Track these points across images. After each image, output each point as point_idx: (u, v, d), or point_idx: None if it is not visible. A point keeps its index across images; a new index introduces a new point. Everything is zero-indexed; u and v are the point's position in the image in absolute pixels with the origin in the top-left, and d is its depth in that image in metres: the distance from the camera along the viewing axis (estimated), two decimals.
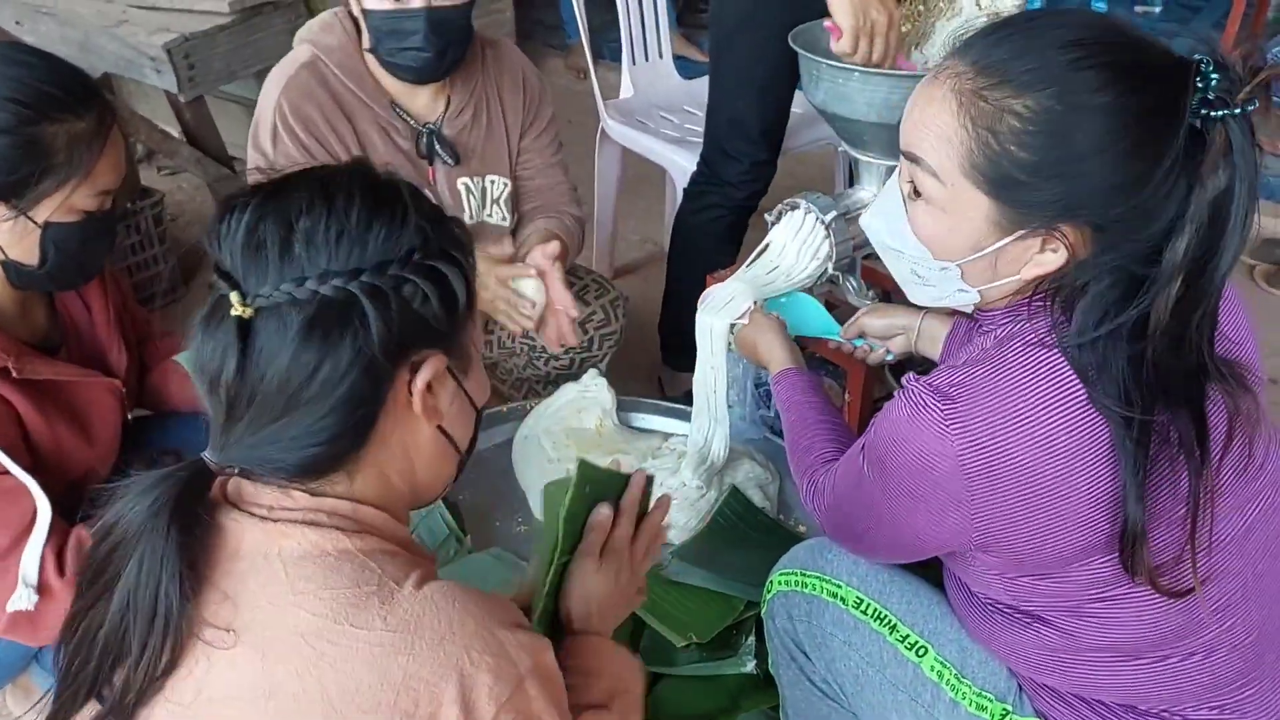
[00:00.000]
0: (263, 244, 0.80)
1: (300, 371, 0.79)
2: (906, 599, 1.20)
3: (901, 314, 1.50)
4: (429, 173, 1.84)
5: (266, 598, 0.79)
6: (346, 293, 0.79)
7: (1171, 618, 0.98)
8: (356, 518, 0.84)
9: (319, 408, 0.80)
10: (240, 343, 0.79)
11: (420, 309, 0.83)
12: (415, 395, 0.85)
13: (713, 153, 2.16)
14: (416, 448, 0.89)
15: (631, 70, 2.81)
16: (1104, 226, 0.92)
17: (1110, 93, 0.88)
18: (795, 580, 1.27)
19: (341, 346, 0.79)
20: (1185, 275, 0.88)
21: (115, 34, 2.61)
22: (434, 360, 0.85)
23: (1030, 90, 0.90)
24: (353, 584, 0.79)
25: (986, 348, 0.99)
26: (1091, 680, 1.05)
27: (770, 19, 1.82)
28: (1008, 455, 0.92)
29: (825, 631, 1.23)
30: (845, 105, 1.63)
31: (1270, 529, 1.03)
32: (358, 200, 0.82)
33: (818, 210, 1.65)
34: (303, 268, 0.79)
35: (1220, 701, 1.03)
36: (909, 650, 1.17)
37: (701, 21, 4.76)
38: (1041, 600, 1.02)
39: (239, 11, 2.62)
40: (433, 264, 0.84)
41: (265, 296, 0.79)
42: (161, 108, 2.93)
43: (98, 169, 1.28)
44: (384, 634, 0.76)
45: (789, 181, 2.17)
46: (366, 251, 0.81)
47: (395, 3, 1.65)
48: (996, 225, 0.96)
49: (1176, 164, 0.87)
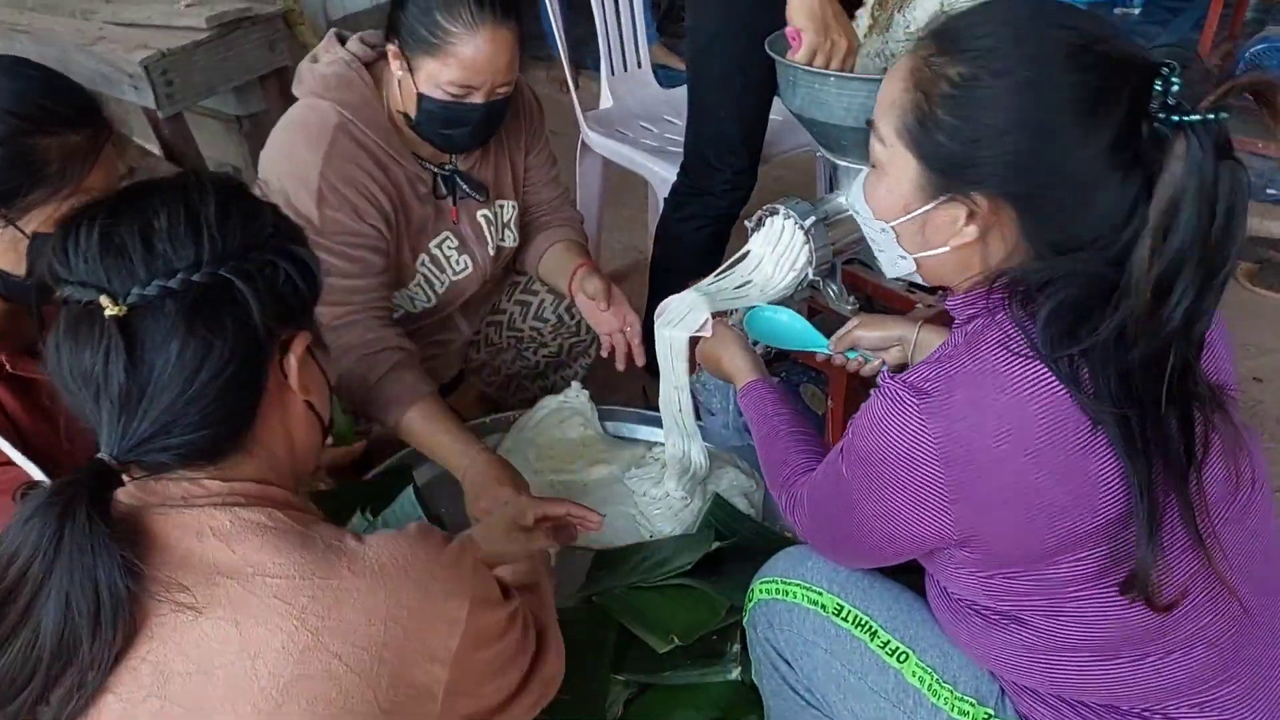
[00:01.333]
0: (123, 246, 0.84)
1: (191, 358, 0.84)
2: (887, 605, 1.20)
3: (896, 325, 1.47)
4: (452, 213, 1.84)
5: (221, 572, 0.83)
6: (220, 278, 0.85)
7: (1146, 618, 0.98)
8: (268, 496, 0.90)
9: (213, 389, 0.85)
10: (124, 341, 0.82)
11: (283, 289, 0.90)
12: (291, 371, 0.93)
13: (694, 163, 2.15)
14: (293, 422, 0.96)
15: (610, 80, 2.81)
16: (1025, 208, 0.94)
17: (1035, 69, 0.90)
18: (776, 588, 1.27)
19: (225, 329, 0.85)
20: (1155, 289, 0.87)
21: (92, 51, 2.59)
22: (301, 337, 0.94)
23: (964, 58, 0.94)
24: (301, 546, 0.85)
25: (958, 344, 0.99)
26: (1072, 680, 1.05)
27: (746, 28, 1.83)
28: (984, 445, 0.92)
29: (807, 639, 1.22)
30: (822, 110, 1.63)
31: (1245, 527, 1.03)
32: (211, 196, 0.88)
33: (797, 216, 1.65)
34: (170, 262, 0.84)
35: (1201, 699, 1.03)
36: (890, 656, 1.17)
37: (682, 31, 4.76)
38: (1017, 599, 1.02)
39: (216, 27, 2.61)
40: (289, 246, 0.92)
41: (138, 294, 0.83)
42: (140, 124, 2.92)
43: (89, 182, 1.28)
44: (354, 579, 0.84)
45: (770, 188, 2.17)
46: (228, 240, 0.87)
47: (457, 98, 1.63)
48: (922, 189, 1.00)
49: (1113, 159, 0.87)
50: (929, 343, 1.42)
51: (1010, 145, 0.92)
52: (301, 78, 1.74)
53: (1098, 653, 1.02)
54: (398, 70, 1.66)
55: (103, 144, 1.30)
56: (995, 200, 0.95)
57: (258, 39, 2.71)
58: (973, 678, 1.14)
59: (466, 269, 1.88)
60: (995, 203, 0.95)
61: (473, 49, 1.59)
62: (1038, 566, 0.98)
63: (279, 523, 0.87)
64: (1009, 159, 0.92)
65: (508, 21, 1.60)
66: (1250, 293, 2.85)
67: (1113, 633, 1.00)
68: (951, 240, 1.00)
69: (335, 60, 1.72)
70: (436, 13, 1.58)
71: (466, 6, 1.57)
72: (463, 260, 1.87)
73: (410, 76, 1.64)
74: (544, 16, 4.22)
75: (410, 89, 1.65)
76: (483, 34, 1.58)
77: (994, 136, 0.92)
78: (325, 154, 1.65)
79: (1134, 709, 1.05)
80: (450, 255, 1.85)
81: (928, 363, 0.98)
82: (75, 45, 2.64)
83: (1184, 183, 0.84)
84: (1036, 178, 0.91)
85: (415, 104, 1.65)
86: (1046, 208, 0.93)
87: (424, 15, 1.59)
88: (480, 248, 1.89)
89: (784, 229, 1.68)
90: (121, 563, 0.79)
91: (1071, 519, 0.93)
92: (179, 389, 0.84)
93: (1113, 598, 0.97)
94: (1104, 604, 0.98)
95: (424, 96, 1.64)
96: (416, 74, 1.63)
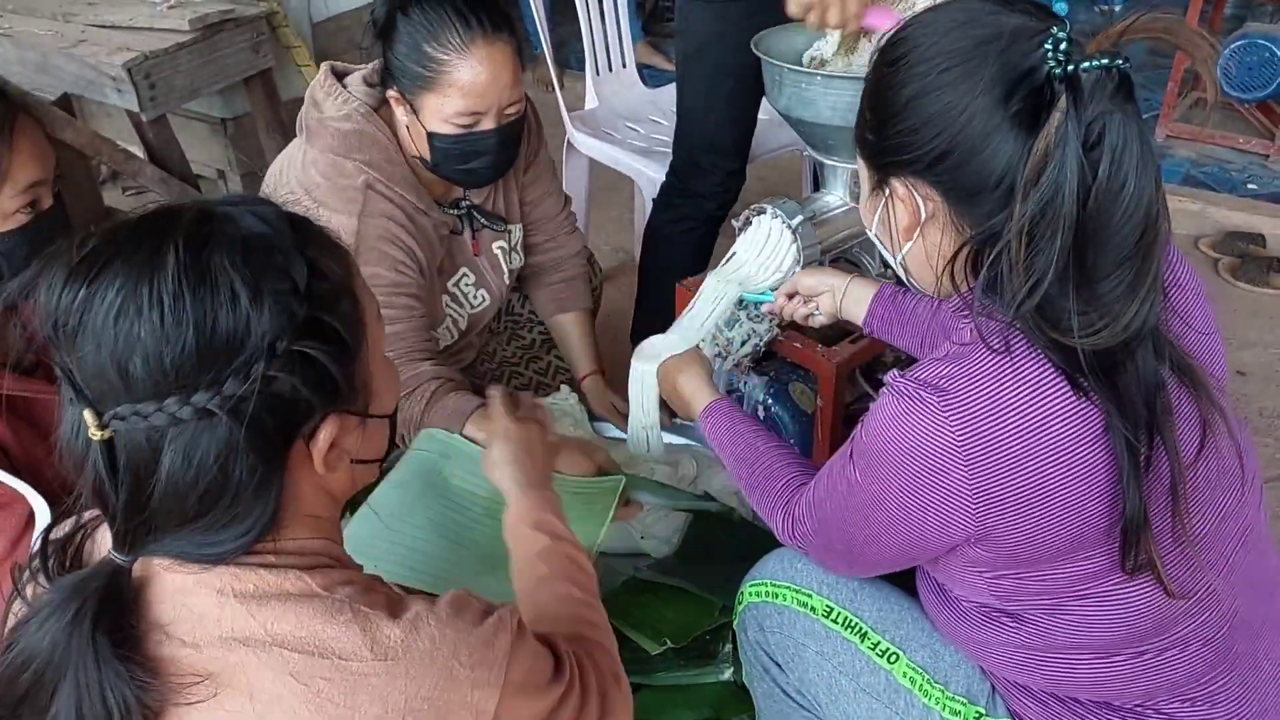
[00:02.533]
0: (106, 351, 0.73)
1: (185, 488, 0.74)
2: (877, 605, 1.19)
3: (831, 274, 1.54)
4: (473, 247, 1.82)
5: (237, 638, 0.76)
6: (208, 411, 0.73)
7: (1148, 616, 0.98)
8: (303, 552, 0.82)
9: (217, 512, 0.76)
10: (108, 460, 0.74)
11: (296, 396, 0.77)
12: (317, 458, 0.82)
13: (683, 165, 2.15)
14: (332, 484, 0.86)
15: (595, 81, 2.81)
16: (940, 184, 0.95)
17: (926, 43, 0.94)
18: (765, 591, 1.26)
19: (221, 457, 0.74)
20: (1033, 238, 0.86)
21: (74, 54, 2.58)
22: (329, 422, 0.81)
23: (879, 58, 1.00)
24: (326, 618, 0.77)
25: (969, 341, 0.97)
26: (1067, 678, 1.05)
27: (736, 30, 1.82)
28: (1005, 442, 0.90)
29: (797, 642, 1.22)
30: (809, 109, 1.63)
31: (1240, 522, 1.03)
32: (191, 297, 0.72)
33: (784, 215, 1.66)
34: (155, 383, 0.73)
35: (1193, 694, 1.03)
36: (880, 657, 1.17)
37: (667, 30, 4.77)
38: (1023, 599, 1.01)
39: (200, 29, 2.60)
40: (301, 349, 0.76)
41: (122, 419, 0.73)
42: (124, 128, 2.90)
43: (12, 166, 1.21)
44: (375, 663, 0.76)
45: (757, 187, 2.18)
46: (220, 355, 0.73)
47: (467, 128, 1.58)
48: (874, 192, 1.04)
49: (1011, 121, 0.88)
50: (857, 292, 1.49)
51: (908, 120, 0.94)
52: (311, 130, 1.65)
53: (1097, 651, 1.02)
54: (403, 116, 1.61)
55: (12, 121, 1.22)
56: (916, 183, 0.97)
57: (241, 41, 2.71)
58: (964, 677, 1.14)
59: (484, 302, 1.87)
60: (916, 186, 0.97)
61: (470, 72, 1.53)
62: (1050, 565, 0.97)
63: (305, 589, 0.79)
64: (910, 135, 0.94)
65: (500, 35, 1.55)
66: (1233, 287, 2.87)
67: (1114, 631, 1.00)
68: (898, 232, 1.02)
69: (350, 114, 1.62)
70: (424, 45, 1.53)
71: (452, 29, 1.52)
72: (480, 294, 1.86)
73: (416, 118, 1.59)
74: (527, 17, 4.25)
75: (419, 131, 1.60)
76: (476, 54, 1.53)
77: (895, 116, 0.95)
78: (360, 215, 1.60)
79: (1127, 705, 1.05)
80: (468, 291, 1.83)
81: (940, 360, 0.96)
82: (56, 49, 2.62)
83: (1062, 130, 0.83)
84: (938, 148, 0.92)
85: (427, 145, 1.60)
86: (960, 180, 0.93)
87: (413, 51, 1.54)
88: (496, 277, 1.87)
89: (771, 229, 1.69)
90: (131, 681, 0.73)
91: (1087, 516, 0.92)
92: (181, 511, 0.75)
93: (1116, 599, 0.97)
94: (1107, 605, 0.98)
95: (434, 135, 1.58)
96: (421, 114, 1.58)
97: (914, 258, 1.03)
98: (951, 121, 0.91)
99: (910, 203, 0.98)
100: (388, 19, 1.57)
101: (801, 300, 1.57)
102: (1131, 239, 0.86)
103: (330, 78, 1.67)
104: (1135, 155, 0.84)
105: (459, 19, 1.53)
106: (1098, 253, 0.86)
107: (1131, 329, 0.88)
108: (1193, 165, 3.45)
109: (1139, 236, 0.86)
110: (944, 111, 0.91)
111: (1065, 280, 0.87)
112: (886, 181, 1.00)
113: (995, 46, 0.89)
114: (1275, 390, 2.48)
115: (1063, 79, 0.84)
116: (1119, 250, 0.87)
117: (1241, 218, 3.13)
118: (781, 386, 1.79)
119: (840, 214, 1.76)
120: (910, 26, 0.98)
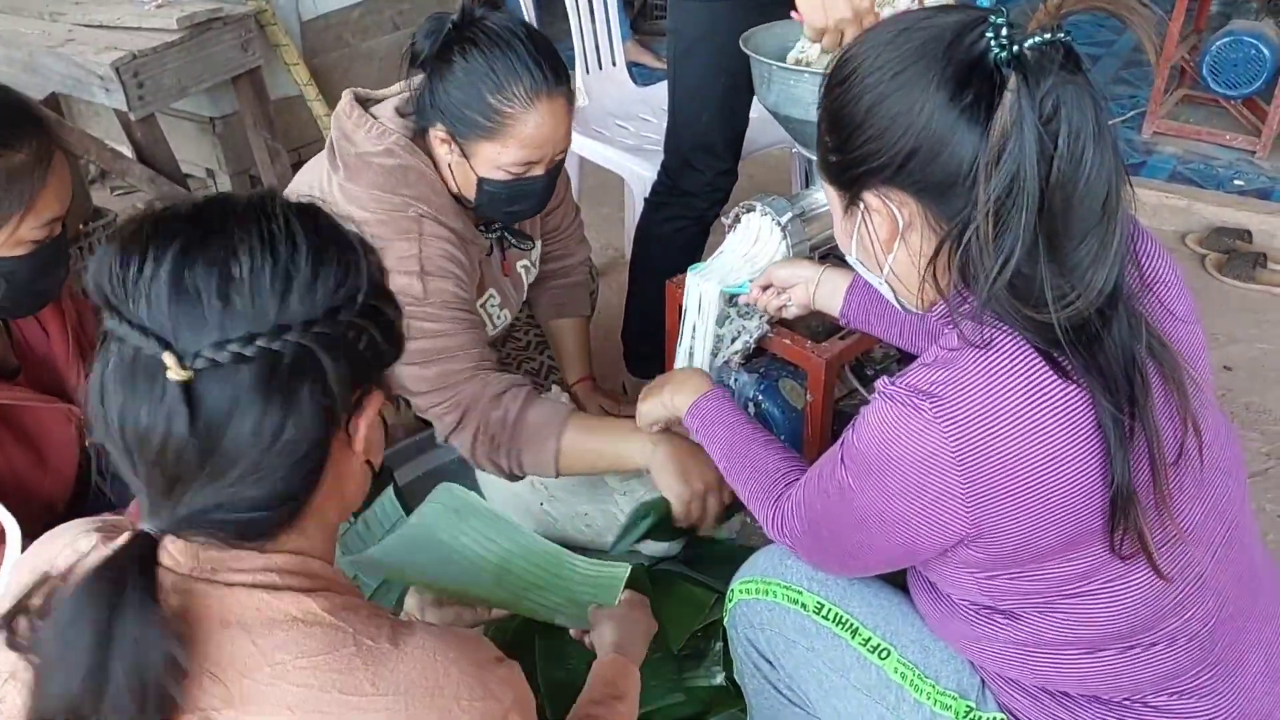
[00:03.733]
0: (196, 295, 0.73)
1: (263, 432, 0.74)
2: (867, 601, 1.20)
3: (805, 265, 1.55)
4: (504, 267, 1.80)
5: (239, 670, 0.75)
6: (301, 347, 0.74)
7: (1138, 612, 0.99)
8: (306, 572, 0.81)
9: (281, 464, 0.76)
10: (187, 408, 0.72)
11: (365, 351, 0.80)
12: (358, 435, 0.82)
13: (675, 164, 2.15)
14: (346, 480, 0.86)
15: (585, 79, 2.81)
16: (909, 187, 0.95)
17: (871, 56, 0.95)
18: (756, 588, 1.26)
19: (302, 402, 0.75)
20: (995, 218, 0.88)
21: (61, 53, 2.57)
22: (374, 398, 0.83)
23: (831, 78, 1.01)
24: (329, 649, 0.76)
25: (952, 346, 0.97)
26: (1057, 673, 1.06)
27: (728, 30, 1.81)
28: (998, 445, 0.91)
29: (788, 639, 1.22)
30: (797, 107, 1.64)
31: (1225, 518, 1.04)
32: (304, 244, 0.76)
33: (773, 212, 1.66)
34: (249, 322, 0.73)
35: (1180, 687, 1.05)
36: (871, 653, 1.17)
37: (656, 28, 4.77)
38: (1015, 598, 1.02)
39: (188, 28, 2.59)
40: (377, 305, 0.81)
41: (210, 358, 0.72)
42: (112, 127, 2.89)
43: (40, 200, 1.23)
44: (375, 698, 0.75)
45: (746, 185, 2.18)
46: (317, 300, 0.75)
47: (518, 176, 1.55)
48: (845, 213, 1.04)
49: (964, 112, 0.89)
50: (832, 281, 1.50)
51: (870, 129, 0.95)
52: (349, 166, 1.59)
53: (1087, 647, 1.03)
54: (447, 155, 1.56)
55: (49, 157, 1.23)
56: (888, 192, 0.97)
57: (229, 40, 2.70)
58: (954, 672, 1.15)
59: (505, 321, 1.86)
60: (888, 195, 0.97)
61: (533, 127, 1.49)
62: (1042, 564, 0.98)
63: (308, 615, 0.78)
64: (875, 142, 0.95)
65: (560, 88, 1.51)
66: (1219, 282, 2.89)
67: (1104, 627, 1.01)
68: (878, 247, 1.02)
69: (390, 149, 1.56)
70: (488, 95, 1.47)
71: (519, 83, 1.47)
72: (503, 315, 1.84)
73: (466, 162, 1.55)
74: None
75: (467, 175, 1.56)
76: (540, 109, 1.49)
77: (857, 129, 0.96)
78: (419, 242, 1.55)
79: (1115, 698, 1.06)
80: (494, 312, 1.81)
81: (930, 366, 0.96)
82: (44, 48, 2.61)
83: (1017, 108, 0.85)
84: (904, 148, 0.93)
85: (475, 188, 1.57)
86: (930, 177, 0.94)
87: (473, 98, 1.48)
88: (516, 295, 1.87)
89: (761, 226, 1.69)
90: (167, 657, 0.71)
91: (1079, 513, 0.93)
92: (245, 465, 0.74)
93: (1107, 597, 0.98)
94: (1098, 602, 0.99)
95: (484, 179, 1.55)
96: (473, 159, 1.54)
97: (900, 267, 1.03)
98: (913, 120, 0.92)
99: (886, 212, 0.98)
100: (441, 55, 1.50)
101: (775, 292, 1.57)
102: (1097, 205, 0.88)
103: (357, 108, 1.61)
104: (1091, 122, 0.86)
105: (526, 72, 1.48)
106: (1065, 223, 0.88)
107: (1105, 294, 0.89)
108: (1179, 162, 3.47)
109: (1103, 201, 0.88)
110: (904, 112, 0.92)
111: (1035, 255, 0.88)
112: (858, 198, 1.00)
113: (939, 45, 0.91)
114: (1261, 385, 2.49)
115: (1009, 61, 0.86)
116: (1086, 219, 0.89)
117: (1228, 213, 3.14)
118: (772, 383, 1.80)
119: (829, 211, 1.77)
120: (853, 48, 0.99)
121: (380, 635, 0.79)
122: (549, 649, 1.49)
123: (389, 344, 0.83)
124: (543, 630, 1.48)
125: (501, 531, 1.49)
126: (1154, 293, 0.97)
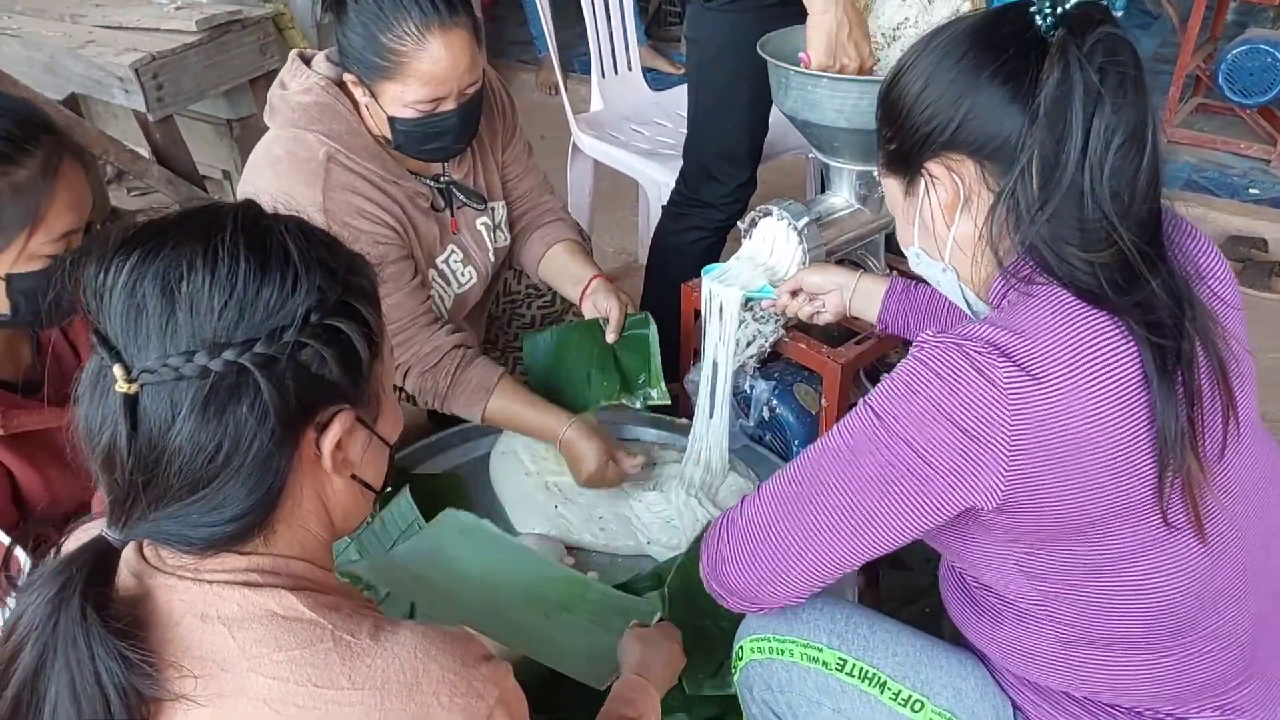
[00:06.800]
0: (143, 309, 0.74)
1: (198, 450, 0.74)
2: (891, 650, 1.13)
3: (838, 272, 1.56)
4: (452, 224, 1.79)
5: (217, 664, 0.75)
6: (239, 366, 0.74)
7: (1182, 601, 0.97)
8: (289, 572, 0.81)
9: (222, 483, 0.76)
10: (129, 418, 0.74)
11: (320, 371, 0.78)
12: (325, 454, 0.82)
13: (695, 174, 2.15)
14: (331, 497, 0.85)
15: (601, 83, 2.82)
16: (972, 144, 0.99)
17: (927, 45, 1.02)
18: (769, 647, 1.18)
19: (240, 421, 0.75)
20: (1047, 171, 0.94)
21: (81, 55, 2.59)
22: (341, 417, 0.82)
23: (887, 84, 1.07)
24: (306, 643, 0.76)
25: (1007, 305, 1.00)
26: (1095, 677, 1.03)
27: (748, 41, 1.81)
28: (1059, 399, 0.90)
29: (811, 699, 1.15)
30: (815, 112, 1.64)
31: (1264, 524, 1.03)
32: (244, 260, 0.76)
33: (790, 217, 1.67)
34: (189, 338, 0.74)
35: (1221, 701, 1.02)
36: (904, 706, 1.11)
37: (670, 34, 4.79)
38: (1054, 580, 0.99)
39: (207, 30, 2.61)
40: (331, 323, 0.79)
41: (151, 371, 0.73)
42: (131, 128, 2.91)
43: (50, 214, 1.18)
44: (351, 693, 0.75)
45: (762, 190, 2.18)
46: (257, 318, 0.75)
47: (427, 112, 1.55)
48: (905, 194, 1.08)
49: (1014, 66, 0.96)
50: (868, 288, 1.53)
51: (927, 102, 1.01)
52: (274, 107, 1.64)
53: (1124, 648, 1.01)
54: (362, 97, 1.60)
55: (57, 169, 1.18)
56: (948, 156, 1.01)
57: (248, 42, 2.72)
58: (990, 709, 1.11)
59: (471, 279, 1.85)
60: (949, 159, 1.02)
61: (429, 61, 1.50)
62: (1083, 539, 0.96)
63: (289, 610, 0.78)
64: (933, 110, 1.01)
65: (456, 19, 1.50)
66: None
67: (1146, 619, 0.99)
68: (940, 222, 1.05)
69: (310, 87, 1.61)
70: (379, 35, 1.48)
71: (408, 19, 1.47)
72: (468, 272, 1.84)
73: (375, 101, 1.57)
74: (533, 21, 4.27)
75: (379, 114, 1.58)
76: (434, 42, 1.49)
77: (914, 107, 1.03)
78: (323, 189, 1.57)
79: (1156, 712, 1.04)
80: (456, 269, 1.81)
81: (976, 324, 0.96)
82: (64, 49, 2.63)
83: (1064, 56, 0.92)
84: (961, 109, 0.99)
85: (389, 127, 1.59)
86: (985, 131, 0.98)
87: (368, 41, 1.50)
88: (482, 255, 1.85)
89: (777, 230, 1.70)
90: (123, 659, 0.72)
91: (1123, 479, 0.92)
92: (187, 481, 0.75)
93: (1138, 585, 0.97)
94: (1130, 592, 0.97)
95: (395, 119, 1.57)
96: (380, 99, 1.56)
97: (963, 238, 1.04)
98: (966, 85, 0.98)
99: (947, 179, 1.02)
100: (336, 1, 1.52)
101: (807, 298, 1.58)
102: (1138, 137, 0.93)
103: (297, 61, 1.66)
104: (1132, 64, 0.93)
105: (415, 5, 1.47)
106: (1105, 157, 0.92)
107: (1147, 229, 0.95)
108: (1194, 170, 3.46)
109: (1140, 131, 0.93)
110: (956, 79, 0.99)
111: (1079, 196, 0.93)
112: (920, 171, 1.04)
113: (984, 24, 1.00)
114: (1276, 394, 2.48)
115: (1054, 25, 0.94)
116: (1126, 154, 0.93)
117: (1243, 222, 3.14)
118: (786, 387, 1.80)
119: (846, 215, 1.77)
120: (905, 56, 1.06)
121: (360, 631, 0.78)
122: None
123: (350, 362, 0.80)
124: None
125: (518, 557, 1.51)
126: (1206, 283, 1.00)
